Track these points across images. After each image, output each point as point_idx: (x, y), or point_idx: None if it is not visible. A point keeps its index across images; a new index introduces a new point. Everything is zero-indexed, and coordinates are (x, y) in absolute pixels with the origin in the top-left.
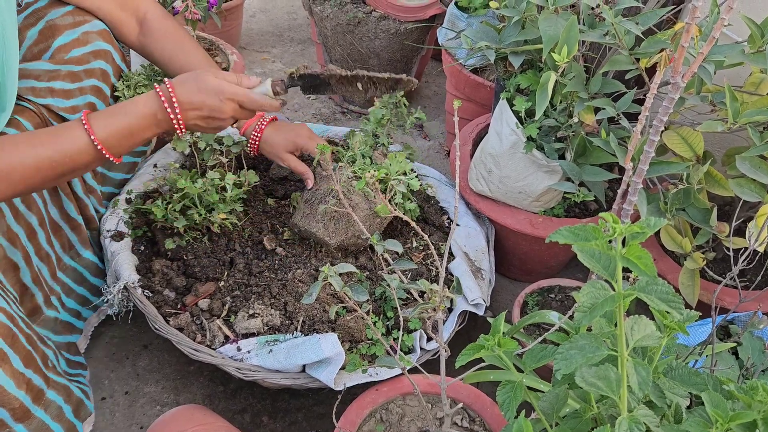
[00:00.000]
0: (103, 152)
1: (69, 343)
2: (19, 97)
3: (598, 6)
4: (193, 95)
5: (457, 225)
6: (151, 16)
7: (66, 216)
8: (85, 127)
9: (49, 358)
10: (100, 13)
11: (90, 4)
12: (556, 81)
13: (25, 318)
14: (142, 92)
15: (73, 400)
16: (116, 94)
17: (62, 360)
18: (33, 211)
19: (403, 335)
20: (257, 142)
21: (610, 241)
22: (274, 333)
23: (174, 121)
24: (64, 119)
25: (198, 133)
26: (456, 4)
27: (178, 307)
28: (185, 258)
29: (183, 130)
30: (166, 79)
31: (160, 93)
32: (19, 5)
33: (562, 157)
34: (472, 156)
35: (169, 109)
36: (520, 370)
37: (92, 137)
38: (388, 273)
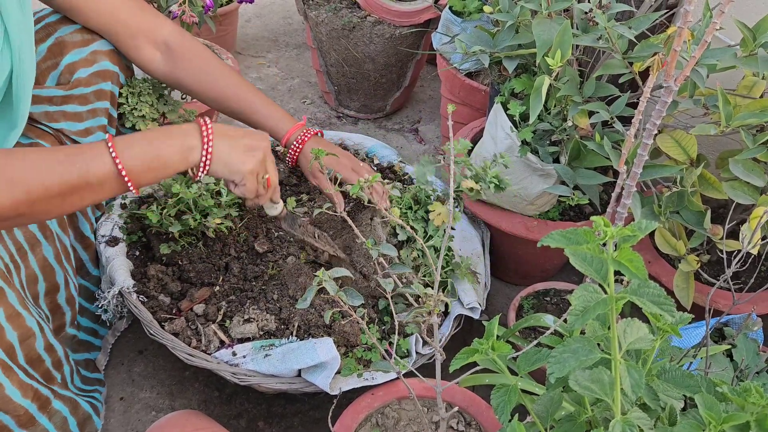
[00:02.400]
0: (125, 178)
1: (87, 360)
2: (36, 122)
3: (591, 11)
4: (231, 129)
5: (453, 229)
6: (174, 41)
7: (80, 236)
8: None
9: (52, 373)
10: (109, 40)
11: (96, 28)
12: (550, 85)
13: (49, 334)
14: (147, 101)
15: (80, 413)
16: (120, 101)
17: (77, 377)
18: (66, 234)
19: (398, 339)
20: (297, 154)
21: (604, 245)
22: (270, 338)
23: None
24: (77, 143)
25: None
26: (450, 8)
27: (173, 312)
28: (180, 263)
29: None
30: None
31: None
32: None
33: (556, 160)
34: None
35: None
36: (515, 374)
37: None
38: (383, 277)
